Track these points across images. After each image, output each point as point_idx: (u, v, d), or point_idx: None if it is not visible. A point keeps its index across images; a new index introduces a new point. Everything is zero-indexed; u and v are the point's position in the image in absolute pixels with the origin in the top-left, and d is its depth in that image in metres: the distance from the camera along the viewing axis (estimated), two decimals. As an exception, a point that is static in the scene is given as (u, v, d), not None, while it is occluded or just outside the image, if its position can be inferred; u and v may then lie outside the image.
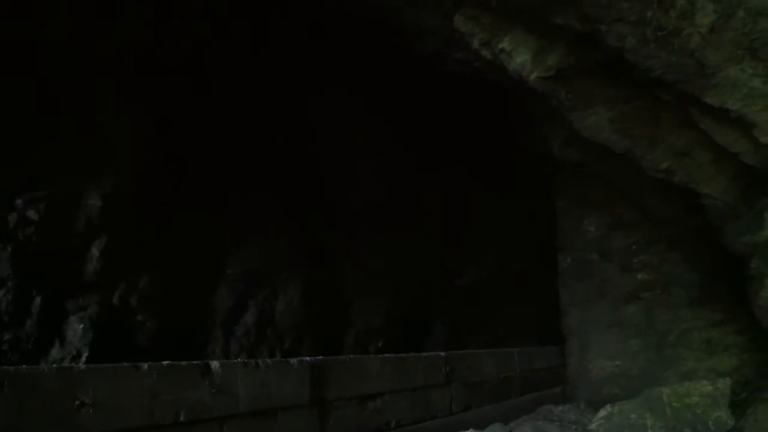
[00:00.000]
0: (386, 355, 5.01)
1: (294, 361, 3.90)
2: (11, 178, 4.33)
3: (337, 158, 7.10)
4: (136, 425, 2.86)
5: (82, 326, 4.47)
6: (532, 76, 4.82)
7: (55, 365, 2.77)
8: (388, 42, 5.95)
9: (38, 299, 4.29)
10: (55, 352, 4.32)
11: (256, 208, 6.06)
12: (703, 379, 5.06)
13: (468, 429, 4.87)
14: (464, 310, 8.99)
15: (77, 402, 2.64)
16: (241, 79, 5.90)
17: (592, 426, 5.02)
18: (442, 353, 5.53)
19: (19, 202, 4.35)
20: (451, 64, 5.67)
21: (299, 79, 6.40)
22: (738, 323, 5.95)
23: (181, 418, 3.07)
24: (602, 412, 5.03)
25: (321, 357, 4.15)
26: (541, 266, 8.52)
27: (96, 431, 2.69)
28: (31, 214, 4.39)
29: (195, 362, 3.29)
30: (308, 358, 4.01)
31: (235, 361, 3.62)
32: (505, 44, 4.76)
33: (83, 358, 4.39)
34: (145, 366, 3.00)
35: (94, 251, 4.73)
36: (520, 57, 4.76)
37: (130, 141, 5.06)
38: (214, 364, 3.37)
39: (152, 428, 2.93)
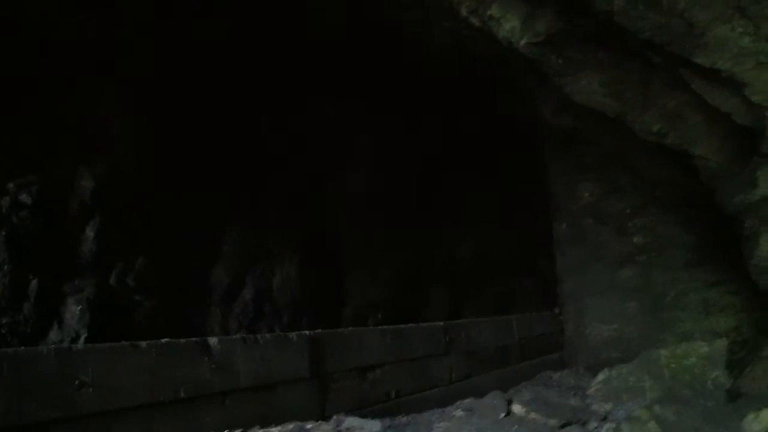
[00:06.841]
0: (385, 326, 5.03)
1: (293, 335, 3.91)
2: (3, 163, 4.31)
3: (334, 135, 7.09)
4: (136, 403, 2.88)
5: (79, 308, 4.47)
6: (522, 42, 4.80)
7: (53, 346, 2.77)
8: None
9: (34, 282, 4.28)
10: (53, 335, 4.32)
11: (251, 184, 6.05)
12: (701, 340, 5.09)
13: (467, 397, 4.90)
14: (462, 280, 9.02)
15: (77, 382, 2.65)
16: (241, 67, 5.88)
17: (591, 390, 5.05)
18: (441, 323, 5.55)
19: (11, 186, 4.34)
20: (438, 36, 5.64)
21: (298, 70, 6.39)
22: (734, 283, 5.97)
23: (182, 395, 3.08)
24: (600, 376, 5.06)
25: (320, 330, 4.16)
26: (538, 234, 8.55)
27: (96, 410, 2.70)
28: (24, 198, 4.37)
29: (193, 339, 3.30)
30: (307, 332, 4.01)
31: (234, 336, 3.62)
32: (494, 11, 4.73)
33: (81, 340, 4.39)
34: (144, 344, 3.01)
35: (89, 233, 4.72)
36: (509, 23, 4.73)
37: (122, 122, 5.03)
38: (213, 341, 3.38)
39: (153, 406, 2.94)
